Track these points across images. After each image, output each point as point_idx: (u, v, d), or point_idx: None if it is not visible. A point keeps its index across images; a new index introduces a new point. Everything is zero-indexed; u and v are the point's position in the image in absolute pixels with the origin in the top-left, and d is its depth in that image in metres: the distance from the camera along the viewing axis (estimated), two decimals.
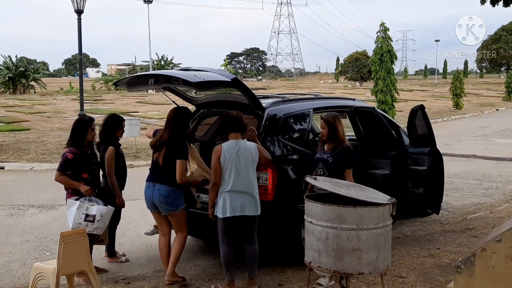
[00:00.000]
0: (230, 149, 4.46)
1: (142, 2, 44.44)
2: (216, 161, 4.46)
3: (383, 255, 3.63)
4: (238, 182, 4.43)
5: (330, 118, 4.88)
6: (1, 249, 6.10)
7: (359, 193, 3.85)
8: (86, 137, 5.03)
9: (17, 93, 41.48)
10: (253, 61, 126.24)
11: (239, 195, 4.43)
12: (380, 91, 20.42)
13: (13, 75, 42.37)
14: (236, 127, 4.57)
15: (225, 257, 4.57)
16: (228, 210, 4.43)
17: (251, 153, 4.52)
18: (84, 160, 4.99)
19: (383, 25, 20.68)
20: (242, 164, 4.45)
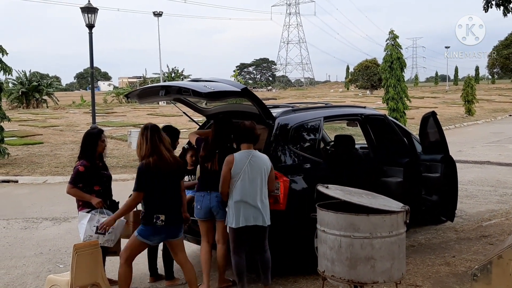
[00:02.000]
0: (243, 159, 4.49)
1: (152, 15, 44.93)
2: (227, 171, 4.49)
3: (398, 264, 3.59)
4: (251, 193, 4.45)
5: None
6: (15, 262, 6.13)
7: (372, 201, 3.82)
8: (96, 149, 5.04)
9: (31, 107, 42.00)
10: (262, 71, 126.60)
11: (252, 205, 4.46)
12: (391, 99, 20.36)
13: (26, 90, 42.92)
14: (248, 137, 4.61)
15: (238, 267, 4.57)
16: (241, 220, 4.45)
17: (264, 164, 4.55)
18: (95, 172, 5.01)
19: (392, 32, 20.68)
20: (254, 174, 4.48)
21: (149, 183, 4.23)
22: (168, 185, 4.30)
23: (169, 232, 4.37)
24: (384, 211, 3.60)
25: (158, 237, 4.37)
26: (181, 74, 50.19)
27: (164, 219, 4.25)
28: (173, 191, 4.34)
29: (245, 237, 4.55)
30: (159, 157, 4.22)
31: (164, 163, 4.23)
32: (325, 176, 5.32)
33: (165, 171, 4.24)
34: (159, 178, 4.24)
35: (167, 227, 4.29)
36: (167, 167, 4.24)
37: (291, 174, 5.09)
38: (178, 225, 4.42)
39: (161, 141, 4.27)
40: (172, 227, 4.34)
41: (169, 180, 4.30)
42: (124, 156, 15.11)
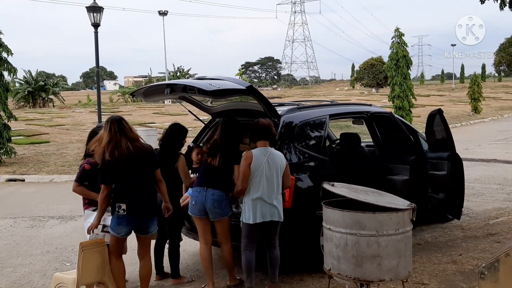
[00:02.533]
0: (260, 157, 4.51)
1: (158, 14, 44.98)
2: (246, 167, 4.49)
3: (404, 262, 3.58)
4: (269, 190, 4.49)
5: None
6: (22, 260, 6.16)
7: (378, 198, 3.80)
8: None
9: (37, 107, 42.19)
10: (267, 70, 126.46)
11: (269, 203, 4.49)
12: (397, 97, 20.29)
13: (32, 89, 43.13)
14: (265, 135, 4.63)
15: (248, 263, 4.59)
16: (258, 217, 4.48)
17: (280, 161, 4.58)
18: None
19: (398, 30, 20.60)
20: (272, 171, 4.51)
21: (109, 174, 4.21)
22: (130, 176, 4.24)
23: (133, 224, 4.31)
24: (390, 209, 3.58)
25: (123, 227, 4.31)
26: (186, 73, 50.26)
27: (126, 208, 4.23)
28: (137, 181, 4.27)
29: (260, 233, 4.59)
30: (117, 148, 4.16)
31: (122, 154, 4.16)
32: (330, 174, 5.28)
33: (126, 162, 4.17)
34: (120, 169, 4.19)
35: (130, 217, 4.26)
36: (126, 158, 4.17)
37: (296, 172, 5.08)
38: (145, 217, 4.35)
39: (123, 132, 4.21)
40: (135, 218, 4.29)
41: (132, 171, 4.23)
42: None
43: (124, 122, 4.31)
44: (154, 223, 4.44)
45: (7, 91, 14.04)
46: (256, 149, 4.60)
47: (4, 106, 13.53)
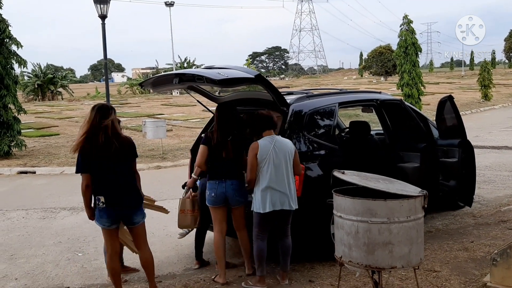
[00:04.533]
0: (267, 146, 4.53)
1: (164, 5, 44.89)
2: (253, 157, 4.52)
3: (416, 249, 3.56)
4: (277, 178, 4.49)
5: None
6: (34, 251, 6.23)
7: (389, 186, 3.78)
8: None
9: (46, 99, 42.45)
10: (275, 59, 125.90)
11: (279, 190, 4.49)
12: (406, 85, 20.15)
13: (41, 83, 43.40)
14: (268, 124, 4.65)
15: (260, 252, 4.60)
16: (268, 205, 4.48)
17: (287, 148, 4.59)
18: None
19: (406, 17, 20.39)
20: (279, 159, 4.52)
21: (87, 164, 4.11)
22: (107, 166, 4.13)
23: (114, 216, 4.21)
24: (401, 196, 3.56)
25: (105, 220, 4.22)
26: (193, 64, 50.27)
27: (104, 200, 4.15)
28: (115, 172, 4.15)
29: (271, 222, 4.60)
30: (93, 138, 4.05)
31: (97, 144, 4.05)
32: (340, 163, 5.27)
33: (101, 153, 4.07)
34: (96, 160, 4.09)
35: (110, 209, 4.17)
36: (102, 149, 4.06)
37: (306, 161, 5.07)
38: (125, 209, 4.24)
39: (104, 121, 4.07)
40: (115, 210, 4.19)
41: (108, 161, 4.12)
42: (139, 146, 15.16)
43: (108, 111, 4.15)
44: (138, 214, 4.31)
45: (16, 83, 14.12)
46: (262, 139, 4.62)
47: (13, 99, 13.61)
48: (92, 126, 4.09)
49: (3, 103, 13.37)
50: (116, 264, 4.41)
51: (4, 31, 13.34)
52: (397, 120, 6.11)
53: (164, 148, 14.15)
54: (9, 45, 13.57)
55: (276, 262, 4.94)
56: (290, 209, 4.57)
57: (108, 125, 4.11)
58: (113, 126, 4.15)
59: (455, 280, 4.48)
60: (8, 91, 13.47)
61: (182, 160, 12.70)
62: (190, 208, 5.17)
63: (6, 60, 13.45)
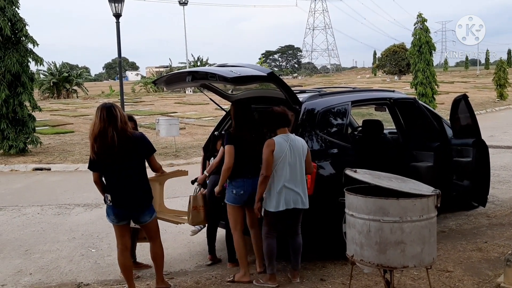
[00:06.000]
0: (282, 143, 4.49)
1: (178, 4, 45.07)
2: (269, 154, 4.45)
3: (428, 248, 3.54)
4: (292, 177, 4.47)
5: None
6: (49, 246, 6.31)
7: (402, 185, 3.76)
8: None
9: (61, 97, 42.92)
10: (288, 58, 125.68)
11: (293, 189, 4.47)
12: (420, 84, 20.00)
13: (57, 81, 43.87)
14: (283, 122, 4.61)
15: (270, 250, 4.59)
16: (281, 204, 4.45)
17: (301, 147, 4.57)
18: None
19: (420, 16, 20.23)
20: (294, 157, 4.49)
21: (97, 163, 4.17)
22: (115, 165, 4.15)
23: (120, 214, 4.24)
24: (414, 194, 3.54)
25: (112, 217, 4.26)
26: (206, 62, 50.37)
27: (111, 199, 4.18)
28: (122, 172, 4.17)
29: (283, 221, 4.58)
30: (102, 137, 4.08)
31: (107, 144, 4.07)
32: (353, 161, 5.25)
33: (110, 153, 4.09)
34: (105, 158, 4.12)
35: (116, 208, 4.20)
36: (111, 148, 4.08)
37: (318, 159, 5.06)
38: (132, 209, 4.27)
39: (111, 121, 4.08)
40: (121, 209, 4.22)
41: (116, 161, 4.14)
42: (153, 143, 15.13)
43: (114, 110, 4.15)
44: (145, 213, 4.33)
45: (32, 81, 14.29)
46: (277, 136, 4.57)
47: (29, 97, 13.78)
48: (101, 125, 4.11)
49: (19, 101, 13.54)
50: (127, 260, 4.45)
51: (21, 29, 13.50)
52: (410, 119, 6.07)
53: (177, 146, 14.22)
54: (26, 44, 13.74)
55: (287, 260, 4.94)
56: (302, 208, 4.55)
57: (118, 124, 4.11)
58: (121, 123, 4.14)
59: (468, 281, 4.44)
60: (24, 88, 13.64)
61: (195, 158, 12.75)
62: (202, 204, 5.18)
63: (22, 58, 13.61)
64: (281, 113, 4.60)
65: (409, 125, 6.04)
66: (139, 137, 4.30)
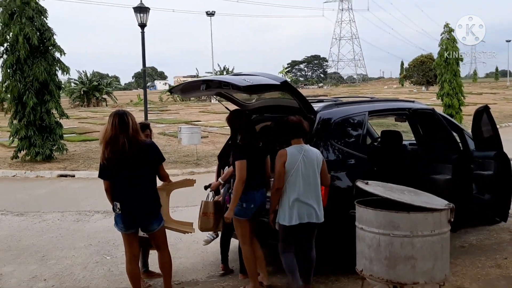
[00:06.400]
0: (295, 155, 4.37)
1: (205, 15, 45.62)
2: (281, 166, 4.34)
3: (441, 264, 3.43)
4: (305, 190, 4.34)
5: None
6: (65, 253, 6.37)
7: (414, 198, 3.66)
8: None
9: (91, 106, 43.86)
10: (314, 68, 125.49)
11: (307, 203, 4.34)
12: (446, 95, 19.61)
13: (87, 89, 44.88)
14: (298, 132, 4.48)
15: (290, 265, 4.46)
16: (294, 218, 4.32)
17: (316, 158, 4.44)
18: None
19: (447, 26, 19.88)
20: (308, 169, 4.37)
21: (107, 170, 4.18)
22: (125, 173, 4.15)
23: (129, 223, 4.25)
24: (426, 208, 3.43)
25: (121, 225, 4.27)
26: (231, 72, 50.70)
27: (120, 207, 4.18)
28: (132, 180, 4.18)
29: (296, 235, 4.45)
30: (114, 145, 4.08)
31: (118, 151, 4.08)
32: (369, 173, 5.15)
33: (121, 160, 4.10)
34: (115, 165, 4.13)
35: (125, 216, 4.21)
36: (122, 156, 4.08)
37: (333, 170, 4.97)
38: (141, 217, 4.27)
39: (123, 128, 4.09)
40: (130, 218, 4.22)
41: (127, 169, 4.14)
42: (175, 152, 15.40)
43: (127, 117, 4.18)
44: (154, 222, 4.34)
45: (59, 89, 14.60)
46: (290, 147, 4.46)
47: (56, 104, 14.06)
48: (112, 132, 4.13)
49: (46, 108, 13.83)
50: (135, 268, 4.46)
51: (50, 39, 13.82)
52: (429, 130, 5.93)
53: (198, 154, 14.27)
54: (53, 53, 14.06)
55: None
56: (317, 222, 4.42)
57: (129, 131, 4.13)
58: (133, 131, 4.17)
59: None
60: (51, 96, 13.93)
61: (215, 166, 12.71)
62: (212, 211, 5.13)
63: (50, 67, 13.92)
64: (297, 123, 4.48)
65: (427, 137, 5.90)
66: (149, 145, 4.33)
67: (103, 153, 4.18)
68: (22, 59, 13.39)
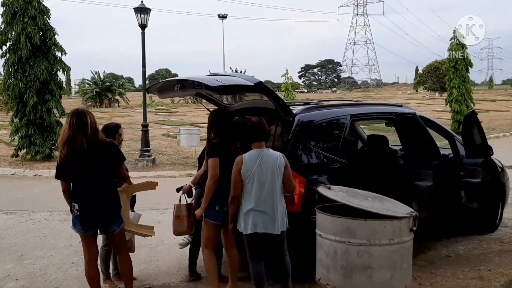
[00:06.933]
0: (252, 160, 4.12)
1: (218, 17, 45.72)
2: (236, 173, 4.13)
3: (400, 275, 3.26)
4: (261, 198, 4.09)
5: None
6: (44, 252, 6.30)
7: (376, 204, 3.49)
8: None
9: (103, 106, 44.14)
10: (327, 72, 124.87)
11: (262, 211, 4.09)
12: (455, 101, 19.29)
13: (100, 90, 45.16)
14: (258, 135, 4.23)
15: (255, 275, 4.26)
16: (249, 227, 4.11)
17: (275, 163, 4.13)
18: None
19: (457, 31, 19.58)
20: (265, 176, 4.10)
21: (65, 170, 4.06)
22: (84, 172, 4.04)
23: (87, 224, 4.14)
24: (385, 216, 3.27)
25: (79, 227, 4.15)
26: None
27: (78, 208, 4.07)
28: (91, 180, 4.06)
29: (258, 244, 4.21)
30: (71, 143, 3.97)
31: (75, 150, 3.98)
32: (347, 178, 5.00)
33: (79, 159, 3.99)
34: (73, 165, 4.01)
35: (84, 216, 4.09)
36: (80, 155, 3.98)
37: (309, 174, 4.83)
38: (100, 218, 4.16)
39: (81, 127, 3.99)
40: (88, 219, 4.11)
41: (84, 169, 4.03)
42: (176, 153, 15.34)
43: (85, 116, 4.07)
44: (114, 223, 4.23)
45: (60, 88, 14.64)
46: (248, 152, 4.21)
47: (57, 104, 14.12)
48: (70, 131, 4.03)
49: (46, 108, 13.89)
50: (94, 271, 4.35)
51: (51, 38, 13.90)
52: (411, 135, 5.73)
53: (197, 156, 14.15)
54: (55, 52, 14.11)
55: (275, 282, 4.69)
56: (275, 233, 4.13)
57: (87, 130, 4.03)
58: (91, 130, 4.06)
59: None
60: (52, 95, 14.00)
61: None
62: (185, 214, 5.01)
63: (52, 66, 13.99)
64: (256, 125, 4.23)
65: (409, 142, 5.71)
66: (110, 144, 4.24)
67: (60, 153, 4.09)
68: (24, 58, 13.49)
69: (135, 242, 5.30)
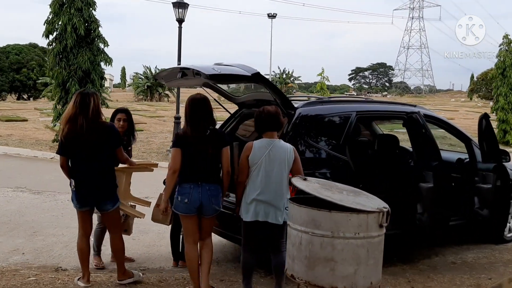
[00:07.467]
0: (262, 149, 4.08)
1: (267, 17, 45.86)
2: (244, 159, 4.11)
3: (364, 270, 3.17)
4: (267, 187, 4.04)
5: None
6: (56, 231, 6.56)
7: (349, 198, 3.42)
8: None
9: (154, 100, 45.32)
10: (378, 76, 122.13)
11: (265, 201, 4.05)
12: (501, 109, 18.45)
13: (151, 84, 46.38)
14: (272, 125, 4.14)
15: (244, 264, 4.24)
16: (250, 214, 4.08)
17: (285, 155, 4.09)
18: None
19: (506, 37, 18.70)
20: (272, 166, 4.05)
21: (65, 148, 4.24)
22: (82, 154, 4.22)
23: (82, 200, 4.33)
24: (351, 209, 3.20)
25: (75, 202, 4.36)
26: (291, 75, 50.61)
27: (75, 184, 4.25)
28: (88, 160, 4.22)
29: (256, 233, 4.17)
30: (72, 123, 4.16)
31: (76, 130, 4.15)
32: (346, 174, 4.94)
33: (78, 139, 4.16)
34: (73, 144, 4.20)
35: (78, 193, 4.28)
36: (79, 135, 4.15)
37: (305, 169, 4.77)
38: (94, 197, 4.33)
39: (83, 109, 4.15)
40: (83, 196, 4.30)
41: (83, 149, 4.20)
42: None
43: (89, 98, 4.20)
44: (108, 203, 4.37)
45: (102, 79, 15.15)
46: (258, 140, 4.17)
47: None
48: (73, 111, 4.21)
49: None
50: (85, 245, 4.55)
51: (95, 30, 14.43)
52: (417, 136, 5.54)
53: None
54: (98, 43, 14.62)
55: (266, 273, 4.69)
56: (275, 223, 4.07)
57: (89, 112, 4.19)
58: (93, 112, 4.21)
59: None
60: (93, 85, 14.49)
61: None
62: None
63: (94, 57, 14.50)
64: (271, 114, 4.13)
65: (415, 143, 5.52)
66: (109, 128, 4.38)
67: (62, 130, 4.28)
68: (69, 47, 14.04)
69: (132, 225, 5.43)
